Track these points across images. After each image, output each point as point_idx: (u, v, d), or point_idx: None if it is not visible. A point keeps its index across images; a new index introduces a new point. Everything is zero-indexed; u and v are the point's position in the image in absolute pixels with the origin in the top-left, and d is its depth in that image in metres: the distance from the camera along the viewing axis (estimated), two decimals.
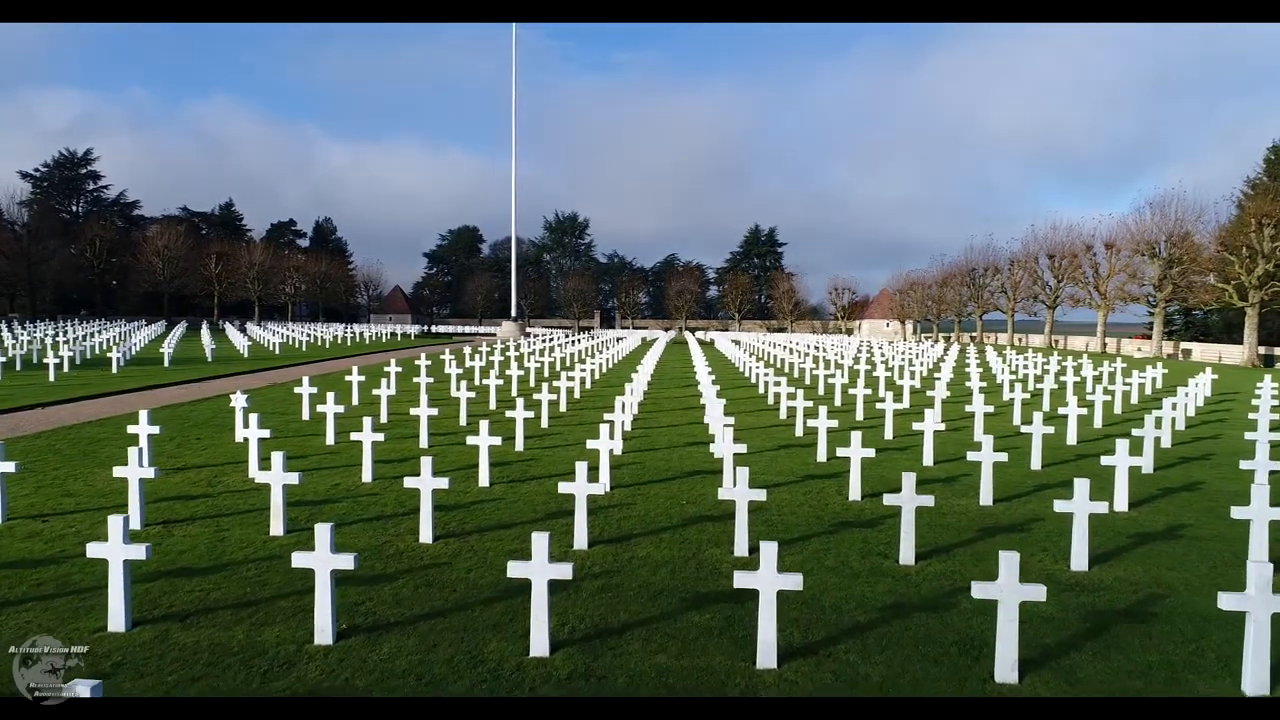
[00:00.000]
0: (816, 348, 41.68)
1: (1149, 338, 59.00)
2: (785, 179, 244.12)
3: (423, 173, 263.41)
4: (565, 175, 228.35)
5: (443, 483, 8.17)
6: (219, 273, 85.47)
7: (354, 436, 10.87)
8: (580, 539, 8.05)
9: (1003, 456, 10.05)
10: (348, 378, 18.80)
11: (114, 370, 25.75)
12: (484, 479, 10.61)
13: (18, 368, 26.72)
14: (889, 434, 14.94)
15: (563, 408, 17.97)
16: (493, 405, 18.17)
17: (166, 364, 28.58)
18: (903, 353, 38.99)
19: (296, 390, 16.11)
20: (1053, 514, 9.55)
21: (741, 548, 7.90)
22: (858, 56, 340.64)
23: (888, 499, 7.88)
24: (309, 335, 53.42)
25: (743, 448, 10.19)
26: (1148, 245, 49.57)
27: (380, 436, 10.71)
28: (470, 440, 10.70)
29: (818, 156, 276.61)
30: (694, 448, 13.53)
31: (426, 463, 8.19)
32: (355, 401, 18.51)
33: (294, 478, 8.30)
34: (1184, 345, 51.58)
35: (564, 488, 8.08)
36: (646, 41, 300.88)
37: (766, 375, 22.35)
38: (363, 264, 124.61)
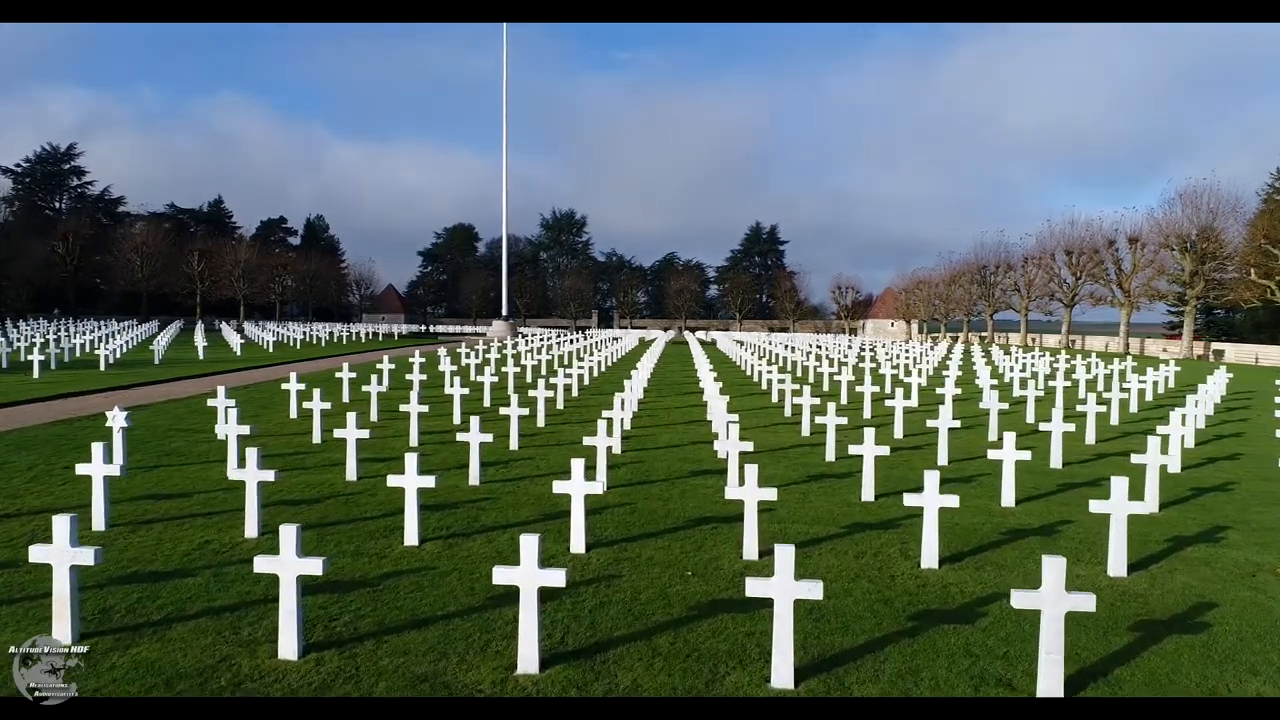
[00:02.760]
0: (821, 348, 38.73)
1: (1175, 337, 56.19)
2: (796, 178, 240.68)
3: (426, 172, 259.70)
4: (569, 173, 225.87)
5: (314, 566, 5.22)
6: (201, 270, 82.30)
7: (235, 475, 7.92)
8: (528, 656, 5.08)
9: (1141, 507, 7.09)
10: (285, 386, 15.83)
11: (36, 375, 22.75)
12: (411, 535, 7.65)
13: None
14: (943, 459, 12.00)
15: (540, 423, 15.02)
16: (456, 419, 15.20)
17: (103, 367, 25.61)
18: (927, 354, 36.05)
19: (211, 403, 13.14)
20: (1224, 595, 6.61)
21: (784, 674, 4.93)
22: (876, 55, 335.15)
23: (1019, 599, 4.90)
24: (276, 335, 50.38)
25: (771, 494, 7.26)
26: (1179, 239, 46.53)
27: (270, 475, 7.74)
28: (394, 481, 7.74)
29: (831, 156, 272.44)
30: (700, 480, 10.58)
31: (289, 535, 5.23)
32: (293, 414, 15.57)
33: (88, 555, 5.35)
34: (1215, 346, 48.55)
35: (500, 577, 5.13)
36: (657, 40, 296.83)
37: (781, 382, 19.41)
38: (355, 262, 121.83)
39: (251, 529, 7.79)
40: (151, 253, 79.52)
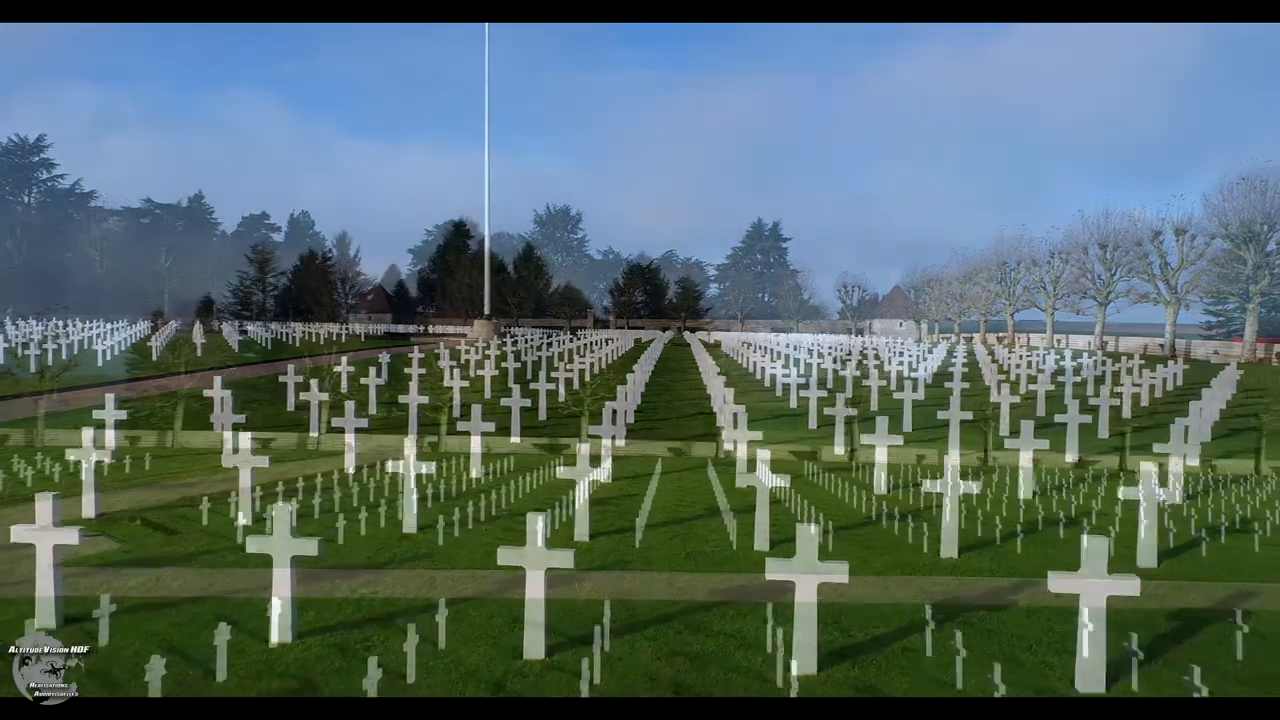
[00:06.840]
0: (855, 353, 33.46)
1: (1218, 339, 51.15)
2: (800, 177, 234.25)
3: (427, 171, 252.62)
4: (568, 171, 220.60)
5: None
6: (169, 267, 77.21)
7: None
8: None
9: None
10: (97, 414, 10.68)
11: None
12: None
13: None
14: (1144, 553, 6.91)
15: (474, 471, 9.94)
16: (349, 467, 10.11)
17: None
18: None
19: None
20: None
21: None
22: (893, 55, 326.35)
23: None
24: (205, 338, 44.77)
25: None
26: (1241, 228, 41.35)
27: None
28: None
29: (836, 154, 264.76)
30: (727, 620, 5.50)
31: None
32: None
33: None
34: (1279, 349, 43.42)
35: None
36: (661, 39, 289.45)
37: (829, 406, 14.34)
38: (342, 260, 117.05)
39: None
40: (111, 247, 74.39)
